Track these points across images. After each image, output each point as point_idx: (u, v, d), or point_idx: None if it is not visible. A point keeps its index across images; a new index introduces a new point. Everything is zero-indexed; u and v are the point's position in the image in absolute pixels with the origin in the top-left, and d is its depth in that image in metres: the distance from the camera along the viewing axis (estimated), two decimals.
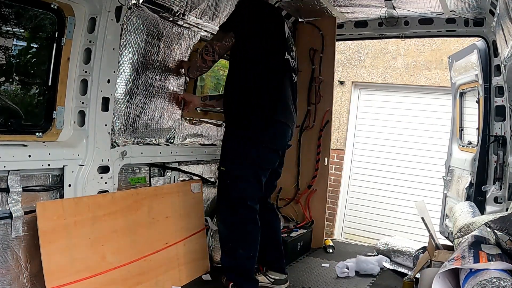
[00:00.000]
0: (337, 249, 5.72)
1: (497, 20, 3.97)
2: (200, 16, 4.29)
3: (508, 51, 3.65)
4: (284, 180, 5.97)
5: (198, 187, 4.57)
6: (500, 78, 4.52)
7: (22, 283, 3.12)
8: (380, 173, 8.33)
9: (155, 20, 3.90)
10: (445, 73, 7.79)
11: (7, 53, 3.17)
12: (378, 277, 4.78)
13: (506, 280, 2.50)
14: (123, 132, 3.86)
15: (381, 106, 8.49)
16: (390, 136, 8.34)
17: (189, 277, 4.23)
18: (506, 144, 4.48)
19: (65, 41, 3.33)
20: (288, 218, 5.84)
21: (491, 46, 4.80)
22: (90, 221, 3.38)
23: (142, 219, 3.85)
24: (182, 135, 4.54)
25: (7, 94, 3.28)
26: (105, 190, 3.62)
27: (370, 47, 8.51)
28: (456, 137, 5.79)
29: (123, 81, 3.76)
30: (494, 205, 4.53)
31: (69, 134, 3.45)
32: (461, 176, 5.34)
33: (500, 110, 4.64)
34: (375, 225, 8.32)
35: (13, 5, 3.06)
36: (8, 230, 3.04)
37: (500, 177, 4.52)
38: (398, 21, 5.43)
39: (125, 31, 3.65)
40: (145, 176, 4.19)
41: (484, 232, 3.52)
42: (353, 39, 6.31)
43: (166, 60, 4.15)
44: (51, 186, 3.34)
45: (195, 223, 4.46)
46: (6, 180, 3.01)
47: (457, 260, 2.95)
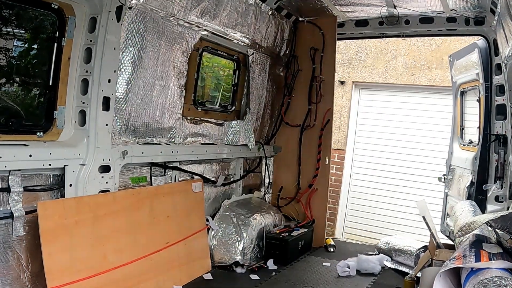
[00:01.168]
0: (338, 248, 5.71)
1: (497, 19, 3.96)
2: (201, 15, 4.29)
3: (509, 49, 3.64)
4: (285, 179, 5.99)
5: (199, 187, 4.57)
6: (501, 76, 4.51)
7: (23, 282, 3.13)
8: (381, 172, 8.32)
9: (156, 20, 3.90)
10: (445, 72, 7.77)
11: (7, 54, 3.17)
12: (379, 276, 4.77)
13: (507, 279, 2.49)
14: (124, 131, 3.86)
15: (381, 106, 8.47)
16: (390, 135, 8.32)
17: (190, 277, 4.23)
18: (507, 143, 4.47)
19: (66, 40, 3.33)
20: (289, 217, 5.84)
21: (491, 45, 4.79)
22: (91, 221, 3.38)
23: (143, 219, 3.85)
24: (183, 135, 4.54)
25: (8, 94, 3.28)
26: (106, 189, 3.62)
27: (370, 47, 8.49)
28: (457, 136, 5.78)
29: (124, 81, 3.76)
30: (495, 204, 4.53)
31: (70, 133, 3.46)
32: (462, 175, 5.33)
33: (501, 109, 4.63)
34: (376, 224, 8.31)
35: (13, 5, 3.07)
36: (9, 230, 3.05)
37: (501, 176, 4.51)
38: (398, 20, 5.43)
39: (126, 31, 3.65)
40: (146, 176, 4.19)
41: (485, 231, 3.51)
42: (354, 38, 6.31)
43: (167, 59, 4.14)
44: (52, 186, 3.35)
45: (196, 222, 4.46)
46: (7, 180, 3.01)
47: (459, 259, 2.95)
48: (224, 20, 4.52)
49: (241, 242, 4.76)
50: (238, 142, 5.32)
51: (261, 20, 5.11)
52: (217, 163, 5.23)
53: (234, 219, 4.91)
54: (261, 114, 5.80)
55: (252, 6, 4.88)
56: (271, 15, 5.27)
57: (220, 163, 5.28)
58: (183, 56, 4.33)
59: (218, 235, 4.76)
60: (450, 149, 5.85)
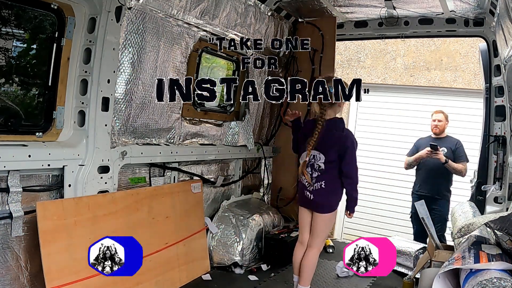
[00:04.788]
0: (337, 249, 5.71)
1: (497, 20, 3.97)
2: (200, 16, 4.29)
3: (508, 51, 3.65)
4: (284, 180, 5.98)
5: (198, 187, 4.57)
6: (500, 78, 4.52)
7: (22, 283, 3.12)
8: (380, 173, 8.32)
9: (155, 20, 3.90)
10: (444, 73, 7.78)
11: (7, 54, 3.17)
12: (378, 277, 4.77)
13: (506, 280, 2.49)
14: (123, 132, 3.86)
15: (380, 106, 8.47)
16: (389, 136, 8.33)
17: (189, 277, 4.23)
18: (506, 144, 4.48)
19: (65, 41, 3.33)
20: (288, 218, 5.83)
21: (491, 46, 4.80)
22: (90, 221, 3.38)
23: (142, 219, 3.85)
24: (182, 135, 4.54)
25: (7, 94, 3.27)
26: (105, 190, 3.62)
27: (369, 48, 8.49)
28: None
29: (123, 81, 3.76)
30: (494, 205, 4.54)
31: (69, 134, 3.45)
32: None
33: (500, 110, 4.64)
34: (375, 225, 8.31)
35: (13, 5, 3.07)
36: (8, 230, 3.04)
37: (500, 177, 4.53)
38: (398, 21, 5.43)
39: (125, 31, 3.65)
40: (145, 176, 4.19)
41: (484, 232, 3.52)
42: (353, 39, 6.31)
43: (166, 60, 4.14)
44: (51, 186, 3.35)
45: (195, 223, 4.46)
46: (6, 180, 3.01)
47: (458, 260, 2.95)
48: (223, 21, 4.52)
49: (240, 243, 4.75)
50: (237, 142, 5.32)
51: (261, 20, 5.11)
52: (216, 164, 5.23)
53: (233, 220, 4.91)
54: (260, 115, 5.79)
55: (251, 6, 4.88)
56: (271, 15, 5.27)
57: (219, 163, 5.28)
58: (182, 57, 4.33)
59: (217, 236, 4.75)
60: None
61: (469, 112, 7.32)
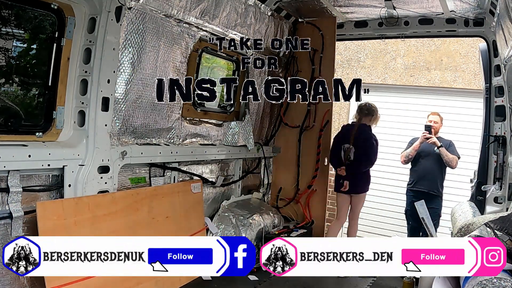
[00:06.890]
0: None
1: (497, 20, 3.97)
2: (200, 16, 4.29)
3: (508, 51, 3.66)
4: (284, 180, 5.98)
5: (198, 187, 4.57)
6: (500, 78, 4.52)
7: (22, 283, 3.12)
8: (380, 173, 8.31)
9: (155, 20, 3.90)
10: (444, 73, 7.78)
11: (7, 54, 3.17)
12: (378, 277, 4.77)
13: (506, 280, 2.49)
14: (123, 132, 3.86)
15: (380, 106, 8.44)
16: (389, 136, 8.32)
17: (189, 278, 4.22)
18: (506, 144, 4.48)
19: (65, 41, 3.33)
20: (288, 218, 5.83)
21: (491, 46, 4.80)
22: (90, 221, 3.38)
23: (142, 219, 3.85)
24: (182, 135, 4.54)
25: (7, 94, 3.27)
26: (105, 190, 3.62)
27: (369, 48, 8.49)
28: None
29: (123, 81, 3.76)
30: (494, 205, 4.54)
31: (69, 134, 3.45)
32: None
33: (500, 110, 4.64)
34: (375, 225, 8.31)
35: (13, 5, 3.07)
36: (8, 230, 3.04)
37: (500, 177, 4.53)
38: (398, 21, 5.43)
39: (125, 31, 3.65)
40: (145, 176, 4.18)
41: (484, 232, 3.51)
42: (353, 39, 6.32)
43: (166, 60, 4.14)
44: (51, 186, 3.34)
45: (195, 223, 4.45)
46: (6, 180, 3.01)
47: None
48: (223, 21, 4.52)
49: None
50: (237, 143, 5.31)
51: (261, 21, 5.11)
52: (216, 164, 5.23)
53: (233, 220, 4.90)
54: (260, 115, 5.79)
55: (251, 7, 4.88)
56: (271, 16, 5.27)
57: (219, 163, 5.28)
58: (182, 57, 4.33)
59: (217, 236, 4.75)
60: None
61: (469, 112, 7.31)
